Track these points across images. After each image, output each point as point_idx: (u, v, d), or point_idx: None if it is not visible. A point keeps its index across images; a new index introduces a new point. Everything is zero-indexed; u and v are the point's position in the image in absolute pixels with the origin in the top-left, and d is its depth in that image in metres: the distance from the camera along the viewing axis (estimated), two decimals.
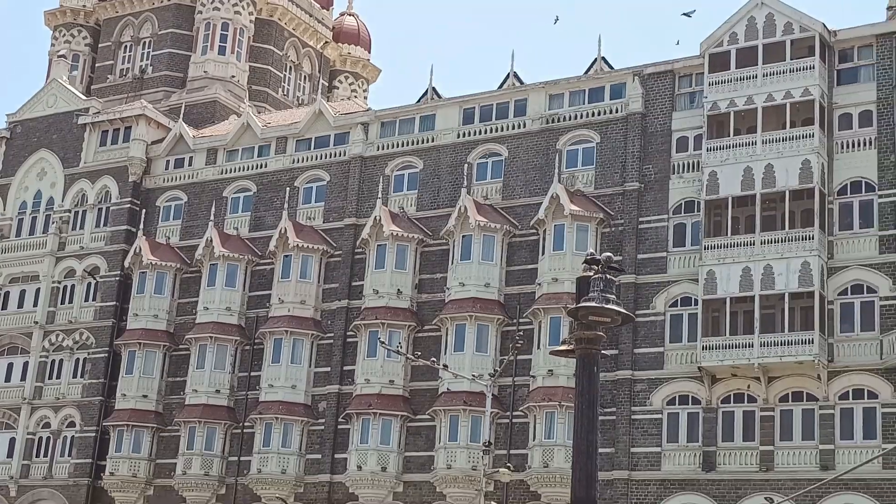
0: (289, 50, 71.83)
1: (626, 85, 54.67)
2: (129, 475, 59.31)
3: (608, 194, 53.56)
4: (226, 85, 68.50)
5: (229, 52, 68.95)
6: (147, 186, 65.79)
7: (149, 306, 61.64)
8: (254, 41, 70.49)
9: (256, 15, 70.61)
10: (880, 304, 47.08)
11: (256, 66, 71.11)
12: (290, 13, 71.38)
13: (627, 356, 50.78)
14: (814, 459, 46.21)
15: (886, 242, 47.70)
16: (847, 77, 50.63)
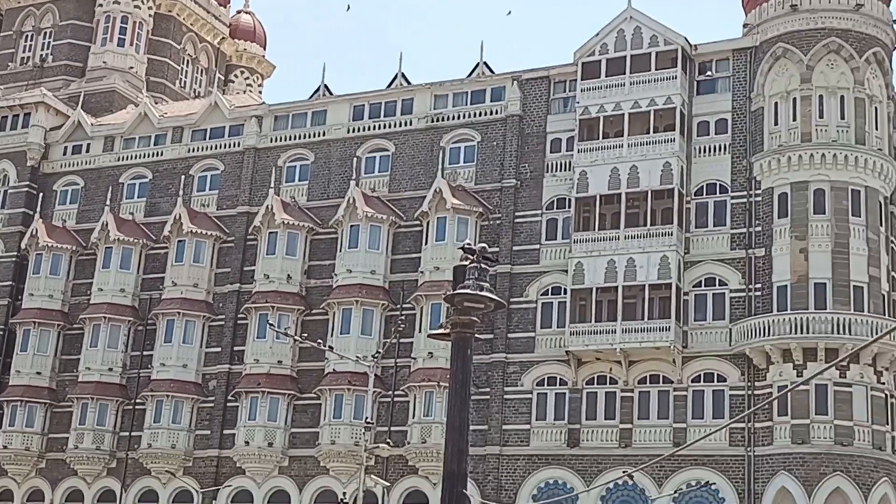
0: (186, 44, 71.81)
1: (506, 88, 55.79)
2: (23, 448, 59.25)
3: (487, 190, 54.80)
4: (124, 76, 68.29)
5: (128, 44, 68.72)
6: (45, 171, 65.39)
7: (44, 287, 61.51)
8: (152, 34, 70.29)
9: (155, 10, 70.47)
10: (730, 295, 49.07)
11: (155, 58, 70.96)
12: (188, 9, 71.34)
13: (502, 340, 52.05)
14: (668, 437, 48.08)
15: (737, 240, 49.64)
16: (706, 88, 52.44)
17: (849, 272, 47.12)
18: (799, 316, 46.60)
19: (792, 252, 47.85)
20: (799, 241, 47.80)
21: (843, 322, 45.98)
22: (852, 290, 47.01)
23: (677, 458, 47.18)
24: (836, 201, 47.89)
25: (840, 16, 49.51)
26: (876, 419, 46.26)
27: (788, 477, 45.78)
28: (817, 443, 45.59)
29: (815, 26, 49.57)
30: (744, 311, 48.57)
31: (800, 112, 49.14)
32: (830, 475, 45.11)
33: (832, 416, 45.67)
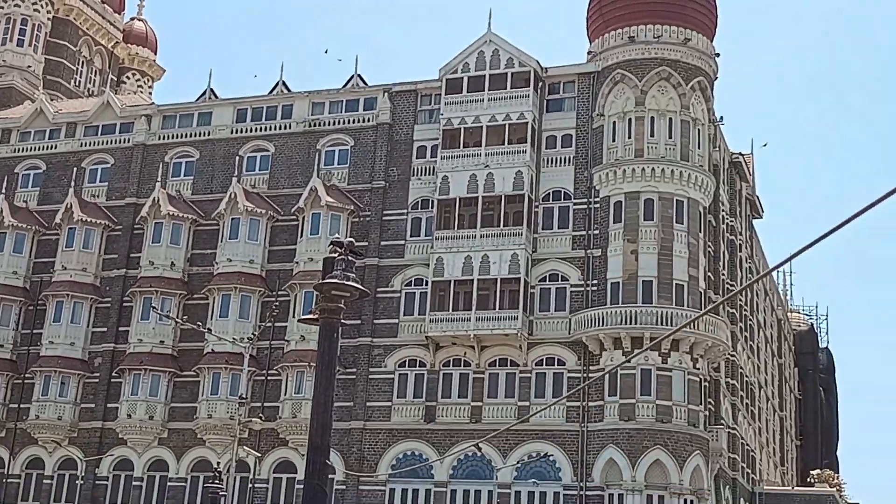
0: (82, 46, 71.65)
1: (378, 99, 57.35)
2: None
3: (359, 190, 56.29)
4: (22, 73, 68.33)
5: (27, 44, 68.81)
6: None
7: None
8: (50, 36, 70.20)
9: (54, 14, 70.38)
10: (570, 290, 51.57)
11: (52, 58, 70.81)
12: (84, 14, 71.22)
13: (368, 326, 53.74)
14: (513, 413, 50.15)
15: (577, 241, 52.10)
16: (554, 106, 54.73)
17: (672, 272, 49.89)
18: (628, 309, 49.21)
19: (624, 253, 50.30)
20: (630, 243, 50.25)
21: (666, 315, 48.72)
22: (674, 288, 49.77)
23: (520, 433, 49.75)
24: (663, 210, 50.52)
25: (670, 48, 52.31)
26: (691, 400, 49.18)
27: (616, 450, 48.41)
28: (641, 420, 48.29)
29: (648, 56, 52.27)
30: (582, 304, 50.98)
31: (634, 131, 51.61)
32: (651, 448, 47.93)
33: (654, 396, 48.43)
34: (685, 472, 47.93)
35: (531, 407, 50.13)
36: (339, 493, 51.93)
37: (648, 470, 47.86)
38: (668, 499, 47.67)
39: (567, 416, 50.19)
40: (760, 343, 69.90)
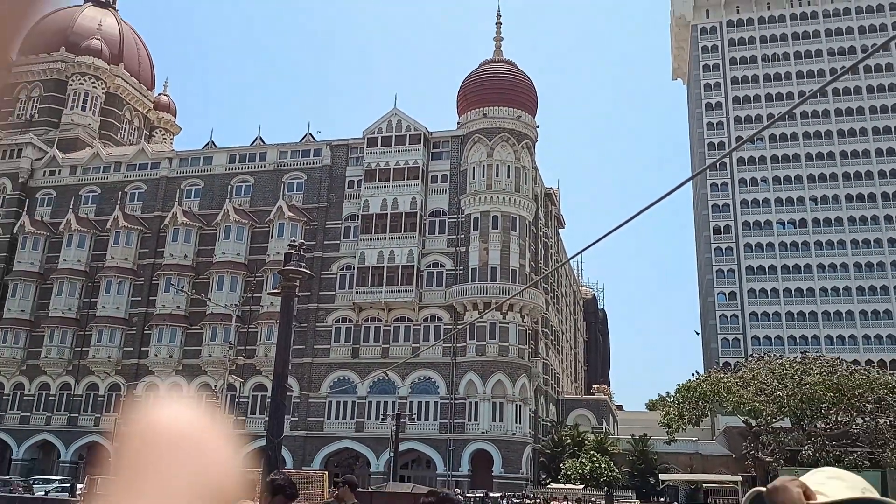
0: (125, 111, 67.98)
1: (323, 149, 56.18)
2: None
3: (309, 208, 54.86)
4: (85, 129, 64.61)
5: (88, 109, 65.06)
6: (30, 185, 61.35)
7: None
8: (104, 104, 66.61)
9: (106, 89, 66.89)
10: (446, 272, 50.82)
11: (105, 119, 67.32)
12: (128, 90, 67.70)
13: (315, 296, 52.34)
14: (409, 352, 49.36)
15: (450, 241, 51.45)
16: (436, 156, 54.06)
17: (509, 262, 49.85)
18: (482, 285, 49.08)
19: (480, 249, 50.10)
20: (483, 243, 50.11)
21: (505, 289, 48.63)
22: (510, 272, 49.75)
23: (413, 364, 48.99)
24: (504, 222, 50.48)
25: (508, 121, 52.17)
26: (521, 342, 49.29)
27: (474, 374, 48.21)
28: (489, 354, 48.20)
29: (495, 126, 52.08)
30: (453, 282, 50.61)
31: (486, 173, 51.41)
32: (496, 372, 47.88)
33: (497, 339, 48.35)
34: (516, 387, 48.02)
35: (420, 347, 49.49)
36: (296, 405, 50.80)
37: (494, 386, 47.75)
38: (506, 404, 47.53)
39: (443, 353, 49.71)
40: (563, 306, 70.57)
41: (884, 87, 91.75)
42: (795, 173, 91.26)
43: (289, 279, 12.50)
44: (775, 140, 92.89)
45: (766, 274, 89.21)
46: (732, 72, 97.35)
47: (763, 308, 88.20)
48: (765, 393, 41.90)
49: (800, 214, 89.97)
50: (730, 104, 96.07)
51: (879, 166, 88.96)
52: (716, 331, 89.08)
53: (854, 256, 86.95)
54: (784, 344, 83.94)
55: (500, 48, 55.58)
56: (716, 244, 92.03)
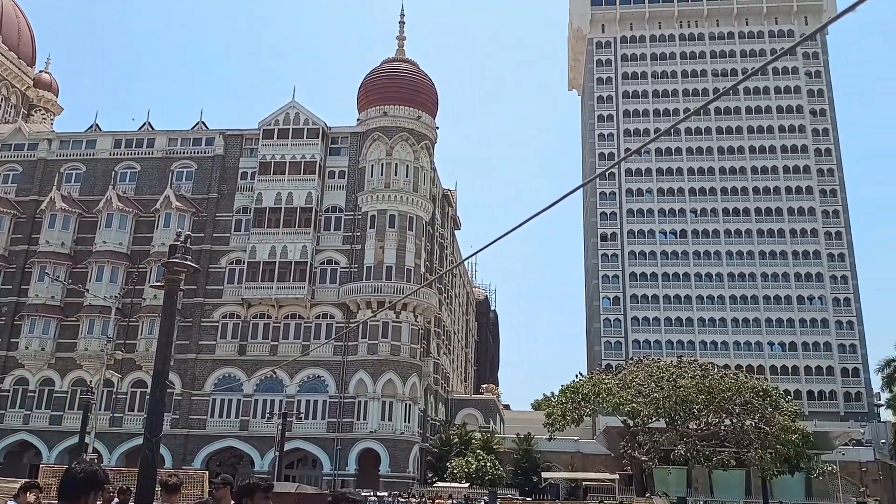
0: (1, 87, 63.53)
1: (216, 139, 54.50)
2: None
3: (199, 198, 53.13)
4: None
5: None
6: None
7: None
8: None
9: None
10: (340, 270, 50.29)
11: None
12: (4, 65, 63.12)
13: (202, 290, 50.88)
14: (298, 350, 48.87)
15: (346, 239, 50.82)
16: (335, 151, 53.40)
17: (405, 261, 49.86)
18: (377, 283, 48.86)
19: (375, 248, 49.85)
20: (379, 242, 49.89)
21: (399, 288, 48.65)
22: (405, 271, 49.76)
23: (303, 362, 48.34)
24: (401, 221, 50.42)
25: (409, 121, 52.11)
26: (413, 341, 49.31)
27: (364, 372, 47.96)
28: (381, 353, 48.07)
29: (395, 125, 51.97)
30: (347, 279, 50.07)
31: (384, 171, 51.20)
32: (387, 371, 47.77)
33: (390, 338, 48.31)
34: (407, 387, 48.10)
35: (311, 345, 48.87)
36: (177, 402, 49.23)
37: (384, 385, 47.66)
38: (396, 404, 47.53)
39: (334, 351, 49.26)
40: (456, 306, 71.23)
41: (760, 108, 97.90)
42: (678, 186, 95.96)
43: (173, 272, 12.19)
44: (661, 154, 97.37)
45: (648, 280, 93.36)
46: (624, 86, 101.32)
47: (644, 313, 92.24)
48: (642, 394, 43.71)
49: (681, 225, 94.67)
50: (620, 117, 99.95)
51: (754, 183, 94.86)
52: (600, 334, 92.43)
53: (728, 267, 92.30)
54: (662, 348, 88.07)
55: (403, 47, 55.51)
56: (602, 250, 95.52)
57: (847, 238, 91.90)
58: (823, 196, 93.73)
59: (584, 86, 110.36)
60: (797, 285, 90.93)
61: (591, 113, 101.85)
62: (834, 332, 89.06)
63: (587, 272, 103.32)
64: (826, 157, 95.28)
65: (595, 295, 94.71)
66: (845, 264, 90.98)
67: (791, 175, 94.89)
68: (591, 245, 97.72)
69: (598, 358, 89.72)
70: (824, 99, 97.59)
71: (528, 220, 9.65)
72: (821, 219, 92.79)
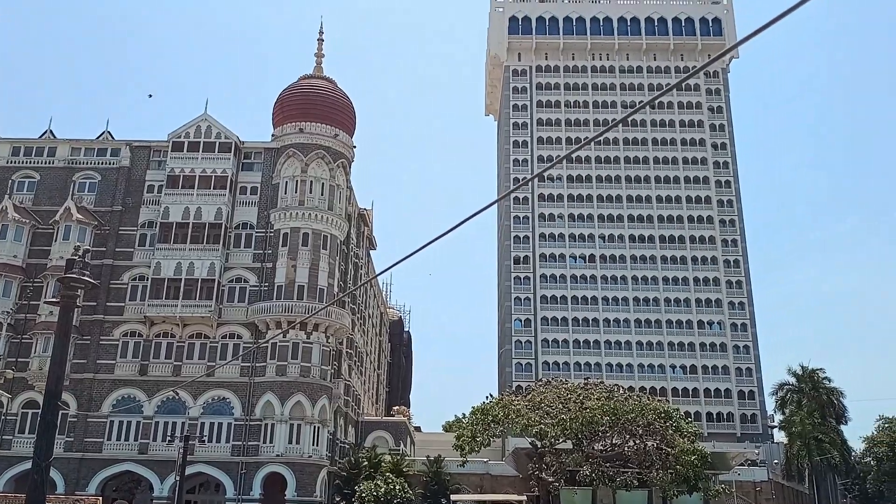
0: None
1: (122, 150, 52.62)
2: None
3: (102, 211, 50.88)
4: None
5: None
6: None
7: None
8: None
9: None
10: (250, 288, 49.08)
11: None
12: None
13: (102, 306, 48.71)
14: (203, 370, 47.01)
15: (256, 257, 49.76)
16: (247, 167, 52.24)
17: (317, 280, 49.05)
18: (287, 303, 47.83)
19: (287, 266, 48.95)
20: (291, 260, 49.02)
21: (311, 307, 47.71)
22: (318, 291, 48.95)
23: (208, 383, 46.96)
24: (314, 240, 49.67)
25: (325, 139, 51.55)
26: (324, 362, 48.47)
27: (272, 394, 46.80)
28: (290, 375, 47.01)
29: (311, 142, 51.28)
30: (257, 298, 48.98)
31: (299, 189, 50.46)
32: (296, 393, 46.74)
33: (300, 360, 47.32)
34: (316, 409, 47.24)
35: (216, 365, 47.60)
36: (72, 424, 46.92)
37: (293, 407, 46.67)
38: (304, 426, 46.67)
39: (241, 372, 47.96)
40: (369, 327, 70.71)
41: (666, 140, 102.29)
42: (588, 212, 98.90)
43: (69, 287, 11.89)
44: (572, 181, 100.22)
45: (559, 303, 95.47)
46: (539, 113, 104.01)
47: (554, 335, 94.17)
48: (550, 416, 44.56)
49: (590, 250, 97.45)
50: (535, 143, 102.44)
51: (659, 211, 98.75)
52: (511, 355, 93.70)
53: (634, 291, 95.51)
54: (571, 370, 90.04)
55: (321, 64, 55.17)
56: (515, 273, 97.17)
57: (744, 266, 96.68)
58: (723, 225, 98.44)
59: (500, 111, 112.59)
60: (698, 310, 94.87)
61: (507, 138, 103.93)
62: (731, 357, 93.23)
63: (500, 294, 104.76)
64: (726, 188, 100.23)
65: (507, 317, 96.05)
66: (742, 291, 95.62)
67: (693, 204, 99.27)
68: (505, 268, 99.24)
69: (508, 379, 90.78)
70: (725, 133, 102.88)
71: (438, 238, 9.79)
72: (720, 247, 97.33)
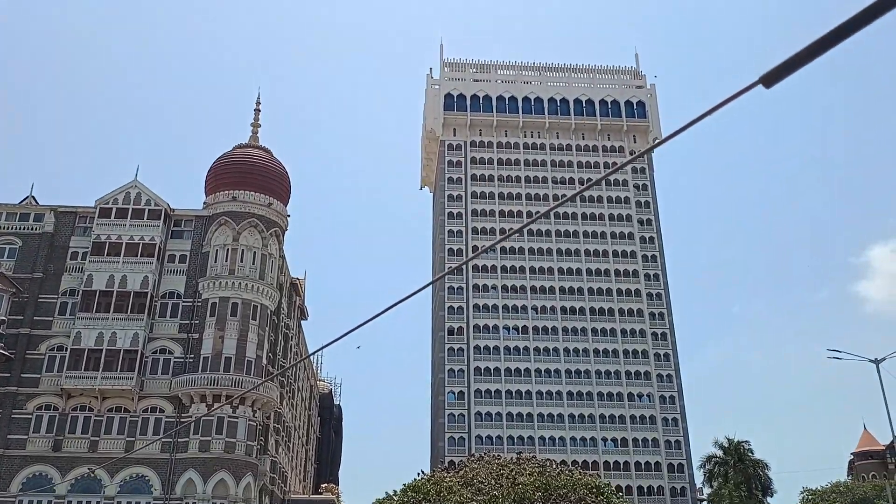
0: None
1: (45, 215, 50.87)
2: None
3: (21, 278, 48.54)
4: None
5: None
6: None
7: None
8: None
9: None
10: (174, 360, 47.27)
11: None
12: None
13: (16, 378, 45.80)
14: (122, 446, 44.94)
15: (183, 327, 48.19)
16: (177, 234, 51.12)
17: (245, 351, 47.69)
18: (214, 375, 46.28)
19: (214, 337, 47.56)
20: (219, 331, 47.69)
21: (238, 380, 46.43)
22: (246, 363, 47.54)
23: (126, 460, 44.71)
24: (244, 310, 48.58)
25: (258, 207, 51.05)
26: (249, 438, 46.72)
27: (194, 471, 44.82)
28: (214, 451, 45.15)
29: (244, 210, 50.73)
30: (182, 370, 47.27)
31: (230, 257, 49.56)
32: (219, 470, 44.88)
33: (224, 435, 45.58)
34: (241, 487, 45.36)
35: (136, 442, 45.43)
36: None
37: (216, 486, 44.77)
38: None
39: (162, 448, 45.78)
40: (298, 400, 68.96)
41: (595, 215, 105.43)
42: (521, 283, 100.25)
43: None
44: (505, 252, 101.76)
45: (492, 375, 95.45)
46: (473, 186, 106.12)
47: (487, 408, 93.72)
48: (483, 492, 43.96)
49: (523, 321, 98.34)
50: (469, 215, 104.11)
51: (589, 283, 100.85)
52: (444, 429, 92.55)
53: (566, 363, 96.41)
54: (504, 443, 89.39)
55: (257, 134, 55.26)
56: (449, 344, 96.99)
57: (671, 339, 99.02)
58: (650, 299, 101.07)
59: (436, 184, 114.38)
60: (628, 383, 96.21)
61: (442, 210, 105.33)
62: (661, 429, 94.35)
63: (434, 366, 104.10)
64: (652, 262, 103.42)
65: (441, 389, 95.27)
66: (670, 363, 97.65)
67: (622, 278, 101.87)
68: (439, 339, 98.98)
69: (441, 454, 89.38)
70: (650, 209, 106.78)
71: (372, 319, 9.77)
72: (648, 319, 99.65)
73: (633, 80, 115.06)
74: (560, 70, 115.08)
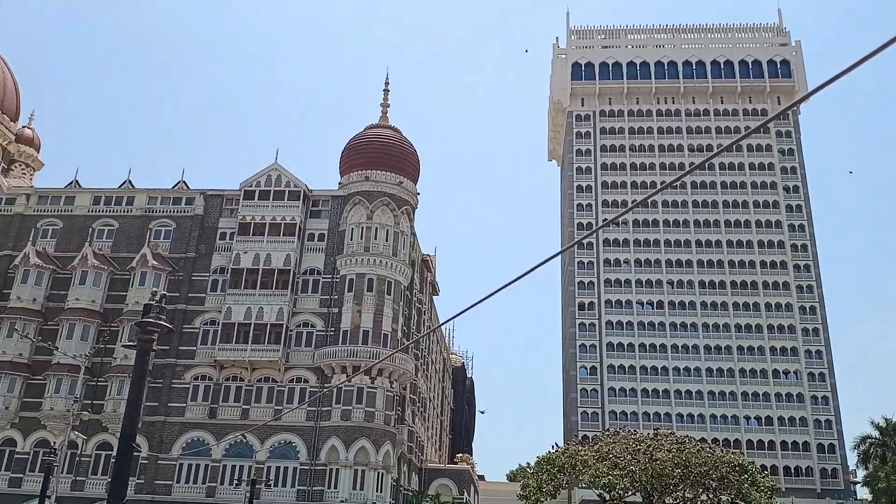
0: None
1: (196, 198, 54.54)
2: None
3: (176, 258, 52.73)
4: None
5: None
6: None
7: None
8: None
9: None
10: (316, 333, 49.82)
11: None
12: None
13: (174, 350, 50.05)
14: (270, 414, 47.77)
15: (323, 302, 50.58)
16: (315, 214, 53.36)
17: (382, 325, 49.47)
18: (352, 348, 48.37)
19: (353, 311, 49.52)
20: (357, 306, 49.59)
21: (375, 353, 48.25)
22: (382, 336, 49.37)
23: (274, 427, 47.56)
24: (379, 285, 50.33)
25: (390, 186, 52.63)
26: (387, 408, 48.56)
27: (337, 439, 47.05)
28: (354, 420, 47.25)
29: (376, 190, 52.37)
30: (323, 343, 49.58)
31: (364, 235, 51.33)
32: (360, 438, 46.90)
33: (364, 405, 47.56)
34: (380, 455, 47.28)
35: (283, 409, 48.27)
36: (143, 466, 48.06)
37: (357, 453, 46.84)
38: (368, 472, 46.75)
39: (307, 416, 48.44)
40: (432, 373, 70.78)
41: (735, 183, 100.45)
42: (655, 257, 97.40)
43: (146, 332, 12.07)
44: (638, 225, 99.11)
45: (626, 351, 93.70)
46: (602, 158, 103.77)
47: (621, 384, 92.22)
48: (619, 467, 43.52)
49: (658, 296, 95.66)
50: (599, 188, 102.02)
51: (730, 256, 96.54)
52: (576, 404, 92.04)
53: (705, 339, 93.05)
54: (639, 420, 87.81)
55: (387, 114, 56.61)
56: (580, 320, 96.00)
57: (821, 313, 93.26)
58: (797, 270, 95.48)
59: (563, 157, 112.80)
60: (773, 359, 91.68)
61: (571, 183, 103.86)
62: (809, 407, 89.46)
63: (565, 341, 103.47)
64: (800, 232, 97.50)
65: (572, 364, 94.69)
66: (819, 339, 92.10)
67: (765, 249, 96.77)
68: (569, 314, 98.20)
69: (574, 428, 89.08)
70: (797, 176, 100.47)
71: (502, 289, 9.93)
72: (795, 293, 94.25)
73: (776, 38, 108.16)
74: (695, 31, 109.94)
